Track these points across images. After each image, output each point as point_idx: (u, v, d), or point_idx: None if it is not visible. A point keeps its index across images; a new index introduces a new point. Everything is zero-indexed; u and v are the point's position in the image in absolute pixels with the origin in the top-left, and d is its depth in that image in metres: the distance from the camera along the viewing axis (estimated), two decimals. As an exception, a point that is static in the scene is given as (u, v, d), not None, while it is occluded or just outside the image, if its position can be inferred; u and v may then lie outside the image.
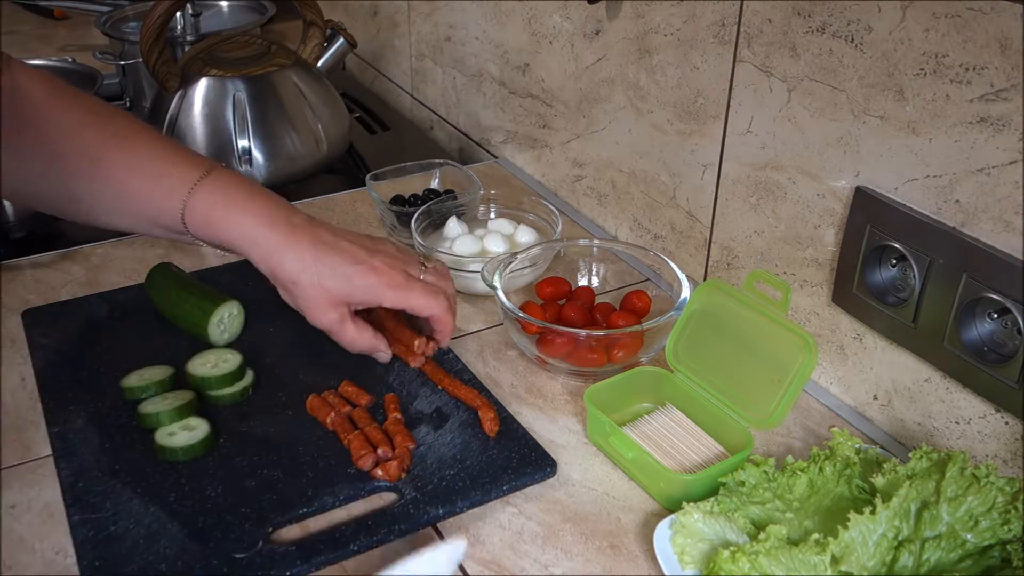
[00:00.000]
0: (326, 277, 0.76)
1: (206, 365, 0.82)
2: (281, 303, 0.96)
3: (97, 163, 0.75)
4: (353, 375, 0.83)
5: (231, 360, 0.82)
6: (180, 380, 0.81)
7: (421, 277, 0.80)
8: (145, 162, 0.76)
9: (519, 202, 1.09)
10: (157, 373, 0.81)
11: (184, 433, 0.74)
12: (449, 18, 1.37)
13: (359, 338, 0.80)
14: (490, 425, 0.76)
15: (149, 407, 0.77)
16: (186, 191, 0.75)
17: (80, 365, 0.84)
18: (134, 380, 0.80)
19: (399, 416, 0.78)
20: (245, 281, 0.98)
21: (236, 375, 0.81)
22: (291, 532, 0.68)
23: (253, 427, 0.78)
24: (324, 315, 0.78)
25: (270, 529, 0.67)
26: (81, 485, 0.71)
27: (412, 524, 0.68)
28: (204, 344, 0.86)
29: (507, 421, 0.78)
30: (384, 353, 0.83)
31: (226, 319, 0.88)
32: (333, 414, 0.78)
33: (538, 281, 0.95)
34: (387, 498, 0.71)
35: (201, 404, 0.79)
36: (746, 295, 0.76)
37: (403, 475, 0.72)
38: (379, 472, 0.72)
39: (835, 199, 0.78)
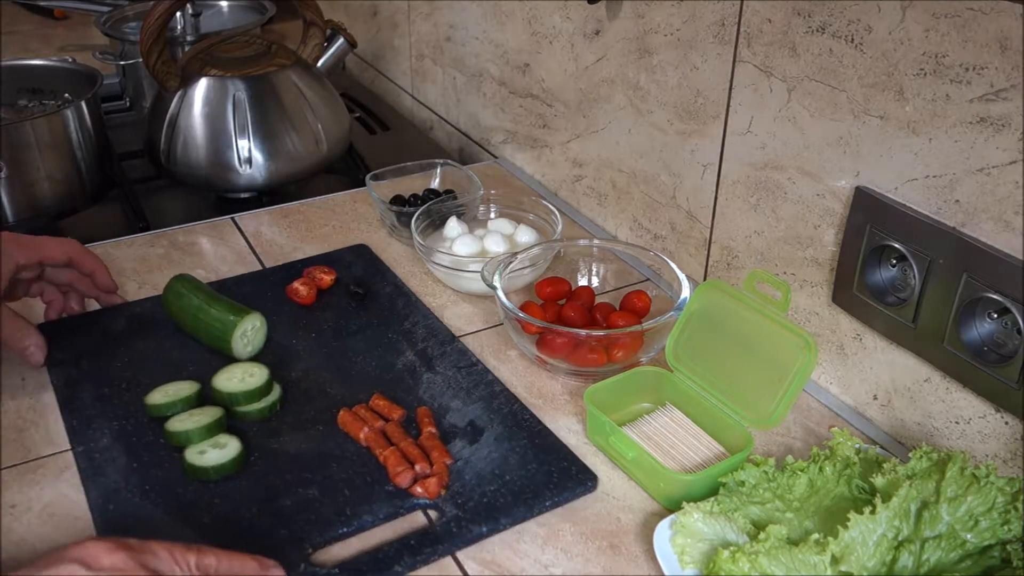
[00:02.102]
0: None
1: (232, 380, 0.79)
2: (304, 314, 0.92)
3: None
4: (382, 388, 0.82)
5: (258, 374, 0.79)
6: (205, 395, 0.79)
7: None
8: None
9: (519, 202, 1.09)
10: (183, 389, 0.79)
11: (215, 451, 0.72)
12: (449, 18, 1.37)
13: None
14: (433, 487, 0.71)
15: (177, 424, 0.74)
16: None
17: (101, 381, 0.82)
18: (159, 397, 0.78)
19: (433, 430, 0.76)
20: (264, 291, 0.96)
21: (264, 390, 0.79)
22: (331, 553, 0.66)
23: (284, 443, 0.75)
24: None
25: (310, 550, 0.65)
26: (112, 508, 0.69)
27: (456, 543, 0.67)
28: (225, 358, 0.84)
29: (543, 435, 0.76)
30: (31, 349, 0.83)
31: (249, 332, 0.85)
32: (366, 429, 0.75)
33: (538, 281, 0.95)
34: (427, 516, 0.70)
35: (228, 420, 0.77)
36: (746, 295, 0.76)
37: (443, 492, 0.70)
38: (418, 489, 0.70)
39: (835, 199, 0.78)
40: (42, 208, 1.09)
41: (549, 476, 0.72)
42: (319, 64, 1.28)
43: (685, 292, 0.85)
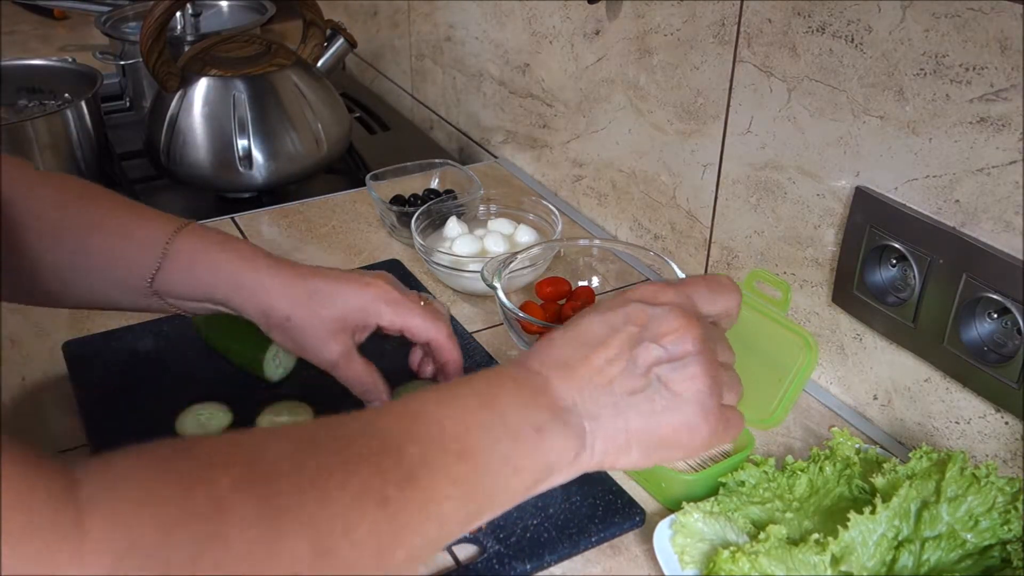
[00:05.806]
0: (318, 304, 0.69)
1: (279, 418, 0.76)
2: None
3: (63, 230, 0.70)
4: None
5: (303, 416, 0.77)
6: (239, 424, 0.76)
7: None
8: (114, 222, 0.70)
9: (519, 202, 1.09)
10: (216, 419, 0.76)
11: None
12: (449, 18, 1.37)
13: (366, 375, 0.71)
14: None
15: None
16: (164, 241, 0.69)
17: (129, 405, 0.79)
18: (191, 425, 0.75)
19: None
20: None
21: None
22: None
23: None
24: (326, 348, 0.70)
25: None
26: None
27: None
28: (256, 379, 0.82)
29: None
30: (380, 401, 0.73)
31: (281, 352, 0.82)
32: None
33: (538, 281, 0.95)
34: (467, 551, 0.67)
35: None
36: (746, 295, 0.76)
37: (483, 526, 0.67)
38: None
39: (835, 199, 0.78)
40: (42, 208, 1.09)
41: (594, 509, 0.69)
42: (319, 64, 1.28)
43: (685, 292, 0.85)
